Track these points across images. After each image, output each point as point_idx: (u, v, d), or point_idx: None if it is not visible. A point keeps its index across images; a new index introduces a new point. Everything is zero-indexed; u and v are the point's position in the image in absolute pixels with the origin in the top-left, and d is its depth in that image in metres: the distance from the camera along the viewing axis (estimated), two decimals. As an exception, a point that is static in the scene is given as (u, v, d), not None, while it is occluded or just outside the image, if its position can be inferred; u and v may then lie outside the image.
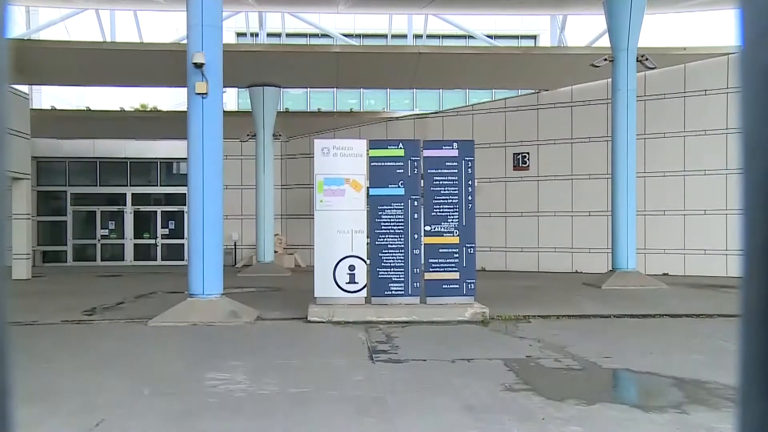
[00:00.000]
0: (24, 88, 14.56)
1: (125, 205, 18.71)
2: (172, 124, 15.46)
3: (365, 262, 7.56)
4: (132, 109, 20.21)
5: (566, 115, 14.78)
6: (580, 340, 6.19)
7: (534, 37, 27.44)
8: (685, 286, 11.18)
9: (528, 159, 15.07)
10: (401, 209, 7.56)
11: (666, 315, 7.76)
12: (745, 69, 0.44)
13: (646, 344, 6.06)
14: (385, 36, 18.77)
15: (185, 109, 7.84)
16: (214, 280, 7.60)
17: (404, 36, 17.01)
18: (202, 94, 7.44)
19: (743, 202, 0.45)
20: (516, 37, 26.90)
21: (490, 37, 17.56)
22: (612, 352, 5.60)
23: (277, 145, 16.79)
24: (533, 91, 15.33)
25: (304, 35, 24.72)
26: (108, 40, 13.64)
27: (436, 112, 17.71)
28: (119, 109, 19.04)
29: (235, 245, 17.78)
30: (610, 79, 11.85)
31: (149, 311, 7.88)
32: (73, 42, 12.76)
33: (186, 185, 7.84)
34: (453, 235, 7.59)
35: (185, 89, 7.75)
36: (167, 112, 19.64)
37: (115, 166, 18.73)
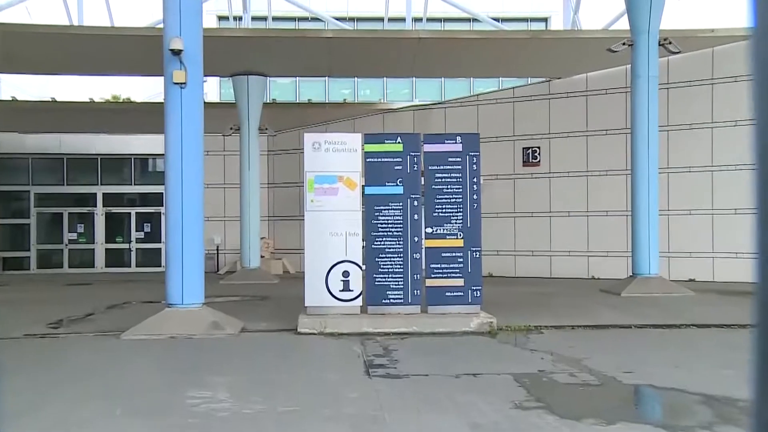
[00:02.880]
0: (-18, 77, 14.54)
1: (95, 206, 18.68)
2: (148, 117, 15.42)
3: (360, 267, 7.55)
4: (103, 101, 20.19)
5: (581, 106, 14.80)
6: (598, 353, 6.20)
7: (545, 20, 27.51)
8: (714, 293, 11.21)
9: (539, 154, 15.09)
10: (400, 209, 7.55)
11: (692, 325, 7.77)
12: (759, 58, 0.44)
13: (670, 357, 6.06)
14: (381, 19, 18.80)
15: (162, 101, 7.82)
16: (194, 288, 7.58)
17: (402, 19, 17.03)
18: (181, 83, 7.42)
19: (758, 201, 0.44)
20: (525, 19, 26.96)
21: (496, 20, 17.60)
22: (633, 366, 5.60)
23: (263, 140, 16.77)
24: (544, 79, 15.35)
25: (293, 18, 24.73)
26: (75, 23, 13.61)
27: (437, 103, 17.72)
28: (88, 101, 18.99)
29: (217, 250, 17.76)
30: (629, 66, 11.88)
31: (122, 323, 7.86)
32: (36, 26, 12.72)
33: (163, 184, 7.83)
34: (457, 238, 7.59)
35: (161, 78, 7.73)
36: (142, 103, 19.61)
37: (84, 163, 18.70)
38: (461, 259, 7.57)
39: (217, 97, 25.76)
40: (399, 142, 7.64)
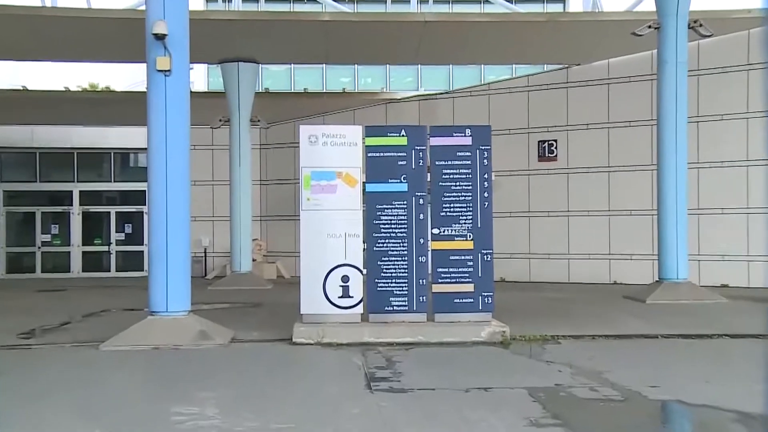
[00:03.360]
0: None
1: (71, 205, 18.72)
2: (129, 108, 15.46)
3: (361, 272, 7.57)
4: (79, 90, 20.27)
5: (602, 95, 14.80)
6: (621, 365, 6.20)
7: (562, 1, 27.51)
8: (749, 300, 11.20)
9: (556, 148, 15.10)
10: (404, 208, 7.57)
11: (725, 335, 7.77)
12: None
13: (701, 370, 6.07)
14: (383, 1, 18.81)
15: (144, 90, 7.84)
16: (179, 294, 7.61)
17: (407, 1, 17.02)
18: (165, 71, 7.45)
19: None
20: (541, 0, 26.97)
21: (509, 1, 17.58)
22: (660, 380, 5.60)
23: (255, 133, 16.80)
24: (562, 66, 15.35)
25: (287, 0, 24.79)
26: (48, 4, 13.65)
27: (445, 93, 17.72)
28: (63, 90, 19.10)
29: (205, 252, 17.78)
30: (655, 51, 11.88)
31: (101, 333, 7.88)
32: (5, 6, 12.75)
33: (145, 181, 7.85)
34: (466, 239, 7.60)
35: (144, 66, 7.75)
36: (122, 93, 19.69)
37: (59, 157, 18.75)
38: (471, 263, 7.58)
39: (204, 85, 25.83)
40: (403, 135, 7.65)
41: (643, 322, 8.77)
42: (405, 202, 7.58)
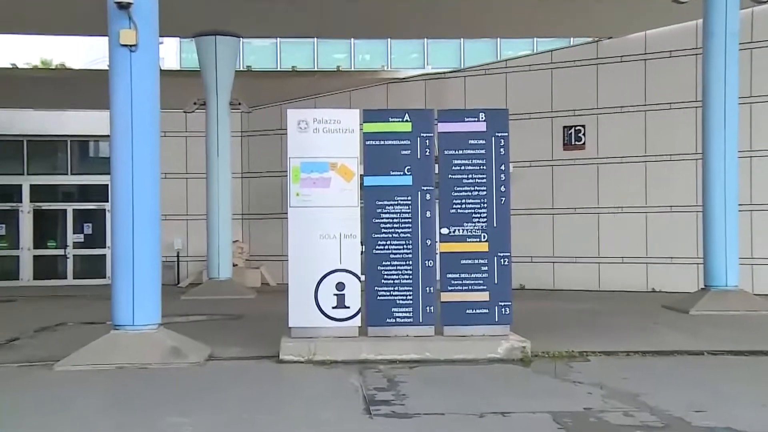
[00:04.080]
0: None
1: (20, 201, 18.74)
2: (88, 89, 15.44)
3: (359, 278, 7.58)
4: (29, 67, 20.26)
5: (637, 73, 14.80)
6: (661, 387, 6.21)
7: (594, -37, 27.43)
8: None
9: (584, 134, 15.11)
10: (408, 205, 7.58)
11: (782, 351, 7.78)
12: None
13: (755, 393, 6.06)
14: (384, -38, 18.80)
15: (106, 68, 7.85)
16: (148, 305, 7.61)
17: (411, -38, 17.01)
18: (130, 45, 7.45)
19: None
20: (568, -38, 26.89)
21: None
22: (707, 404, 5.61)
23: (235, 118, 16.82)
24: (591, 39, 15.35)
25: (271, -38, 24.76)
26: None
27: (455, 71, 17.74)
28: (10, 66, 19.07)
29: (178, 257, 17.82)
30: (700, 21, 11.88)
31: (56, 350, 7.88)
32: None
33: (108, 173, 7.86)
34: (480, 241, 7.62)
35: (105, 39, 7.76)
36: (80, 71, 19.70)
37: (6, 146, 18.78)
38: (486, 268, 7.59)
39: (176, 63, 25.85)
40: (407, 120, 7.66)
41: (686, 336, 8.78)
42: (409, 198, 7.59)
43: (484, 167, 7.66)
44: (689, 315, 10.63)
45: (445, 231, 7.65)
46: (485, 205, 7.64)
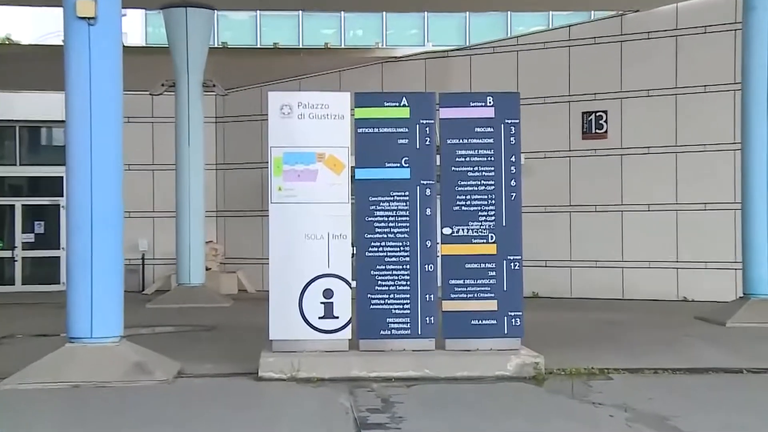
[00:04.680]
0: None
1: (-38, 196, 18.69)
2: (40, 67, 15.41)
3: (349, 284, 7.59)
4: (-27, 43, 20.17)
5: (667, 51, 14.80)
6: (693, 409, 6.22)
7: (617, -73, 27.46)
8: None
9: (606, 121, 15.11)
10: (406, 201, 7.58)
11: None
12: None
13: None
14: (379, -75, 18.80)
15: (60, 43, 7.82)
16: (108, 314, 7.58)
17: (410, -75, 17.06)
18: (88, 18, 7.42)
19: None
20: (589, -74, 26.91)
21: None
22: (747, 429, 5.63)
23: (209, 101, 16.81)
24: (614, 13, 15.35)
25: (251, -76, 24.71)
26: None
27: (460, 49, 17.73)
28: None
29: (143, 259, 17.78)
30: (738, -9, 11.90)
31: (2, 366, 7.85)
32: None
33: (63, 164, 7.84)
34: (487, 242, 7.62)
35: (60, 11, 7.74)
36: (30, 47, 19.60)
37: (-53, 133, 18.69)
38: (493, 273, 7.59)
39: (141, 38, 25.78)
40: (405, 105, 7.66)
41: (722, 352, 8.78)
42: (407, 193, 7.59)
43: (492, 159, 7.66)
44: (726, 327, 10.62)
45: (447, 231, 7.65)
46: (493, 201, 7.64)
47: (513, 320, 7.59)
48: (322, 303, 7.52)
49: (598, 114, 15.15)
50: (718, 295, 13.15)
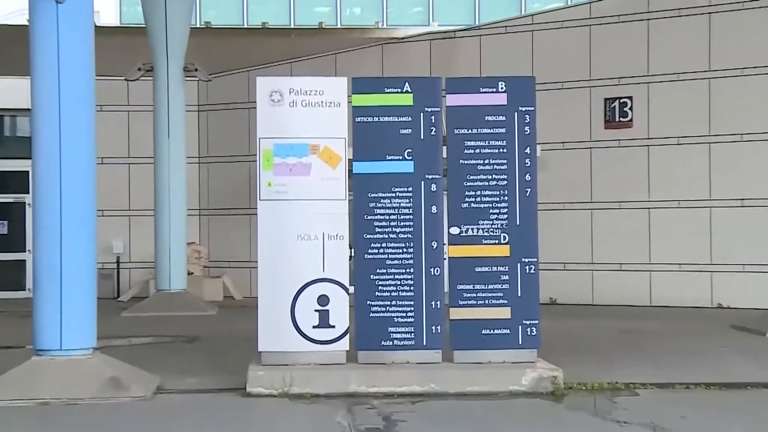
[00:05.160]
0: None
1: None
2: (2, 50, 15.41)
3: (347, 290, 7.59)
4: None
5: (700, 30, 14.79)
6: (730, 428, 6.22)
7: None
8: None
9: (631, 108, 15.10)
10: (409, 198, 7.58)
11: None
12: None
13: None
14: None
15: (25, 23, 7.82)
16: (80, 324, 7.57)
17: None
18: (57, -5, 7.43)
19: None
20: None
21: None
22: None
23: (191, 87, 16.80)
24: (640, -12, 15.35)
25: None
26: None
27: (469, 28, 17.73)
28: None
29: (118, 263, 17.80)
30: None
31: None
32: None
33: (28, 158, 7.85)
34: (499, 243, 7.62)
35: (25, -12, 7.75)
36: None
37: None
38: (506, 277, 7.59)
39: (116, 18, 25.80)
40: (408, 92, 7.66)
41: (762, 365, 8.77)
42: (410, 189, 7.59)
43: (505, 150, 7.66)
44: (766, 337, 10.63)
45: (455, 231, 7.65)
46: (506, 198, 7.64)
47: (528, 329, 7.58)
48: (316, 311, 7.51)
49: (622, 100, 15.14)
50: (757, 302, 13.15)
